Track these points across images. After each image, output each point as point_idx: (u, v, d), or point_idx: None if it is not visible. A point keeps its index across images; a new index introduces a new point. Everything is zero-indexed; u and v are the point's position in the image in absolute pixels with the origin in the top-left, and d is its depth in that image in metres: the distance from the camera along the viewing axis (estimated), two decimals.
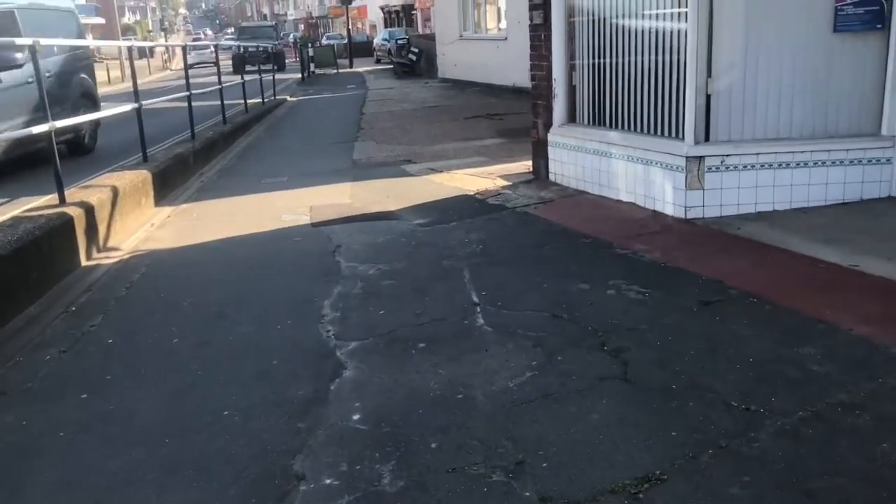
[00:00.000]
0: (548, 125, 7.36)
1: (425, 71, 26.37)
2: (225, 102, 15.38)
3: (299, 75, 28.68)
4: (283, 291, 4.88)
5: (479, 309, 4.34)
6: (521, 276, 4.88)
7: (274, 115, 16.24)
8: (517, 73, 17.39)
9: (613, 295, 4.43)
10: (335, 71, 32.14)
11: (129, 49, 7.89)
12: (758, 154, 5.66)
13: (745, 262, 4.83)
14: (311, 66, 30.83)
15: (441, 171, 8.71)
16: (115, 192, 6.60)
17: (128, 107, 7.75)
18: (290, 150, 11.30)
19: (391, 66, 30.69)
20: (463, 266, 5.15)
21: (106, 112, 7.43)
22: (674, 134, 5.97)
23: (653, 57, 6.09)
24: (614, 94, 6.57)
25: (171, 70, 41.69)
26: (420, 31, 40.09)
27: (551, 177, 7.43)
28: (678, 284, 4.53)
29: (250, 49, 23.78)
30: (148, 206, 7.49)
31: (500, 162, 9.11)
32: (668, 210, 5.94)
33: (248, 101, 15.09)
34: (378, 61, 38.55)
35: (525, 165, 8.62)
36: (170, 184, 8.37)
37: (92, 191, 6.43)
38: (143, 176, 7.51)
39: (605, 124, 6.73)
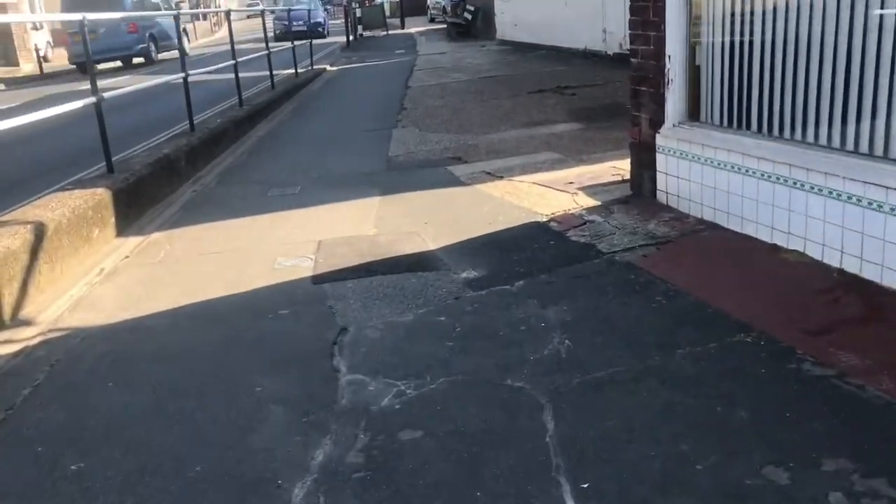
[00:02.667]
0: (656, 122, 5.10)
1: (482, 32, 23.88)
2: (255, 75, 13.49)
3: (344, 39, 26.45)
4: (230, 452, 2.83)
5: None
6: (648, 429, 2.72)
7: (307, 91, 14.16)
8: (589, 33, 14.98)
9: None
10: (385, 33, 29.81)
11: (81, 23, 5.85)
12: None
13: None
14: (359, 28, 28.57)
15: (500, 178, 6.53)
16: (39, 233, 4.64)
17: (78, 103, 5.73)
18: (315, 141, 9.22)
19: (445, 26, 28.21)
20: (540, 394, 3.02)
21: (49, 112, 5.41)
22: (880, 152, 3.67)
23: (845, 24, 3.77)
24: (770, 81, 4.27)
25: (215, 35, 39.85)
26: None
27: (660, 196, 5.19)
28: None
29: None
30: (104, 238, 5.52)
31: (579, 162, 6.88)
32: (870, 273, 3.68)
33: (282, 72, 13.08)
34: (432, 20, 36.02)
35: (614, 169, 6.38)
36: (146, 199, 6.39)
37: (2, 233, 4.48)
38: (98, 198, 5.53)
39: (751, 127, 4.45)
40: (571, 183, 6.10)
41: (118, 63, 22.05)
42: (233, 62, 10.11)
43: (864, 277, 3.70)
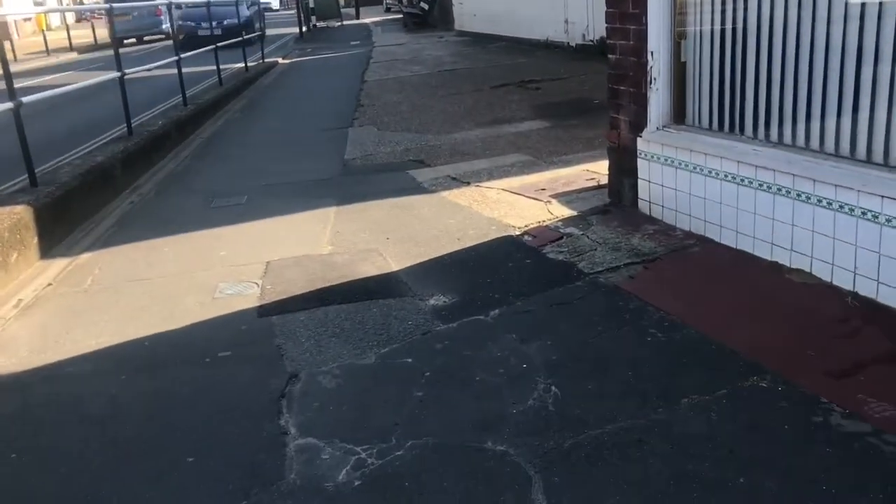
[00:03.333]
0: (637, 125, 4.64)
1: (439, 22, 23.33)
2: (203, 69, 12.78)
3: (297, 30, 25.66)
4: None
5: None
6: None
7: (258, 86, 13.48)
8: (551, 24, 14.57)
9: None
10: (339, 23, 29.03)
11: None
12: None
13: None
14: (313, 18, 27.78)
15: (467, 183, 6.03)
16: None
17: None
18: (265, 143, 8.62)
19: (401, 16, 27.56)
20: (527, 462, 2.54)
21: None
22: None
23: (855, 9, 3.35)
24: (768, 80, 3.83)
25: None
26: None
27: (642, 205, 4.74)
28: None
29: None
30: (25, 262, 4.90)
31: (550, 164, 6.41)
32: (889, 298, 3.28)
33: (232, 66, 12.40)
34: (388, 10, 35.29)
35: (588, 172, 5.94)
36: (75, 214, 5.76)
37: None
38: (16, 217, 4.91)
39: (745, 131, 4.02)
40: (543, 189, 5.63)
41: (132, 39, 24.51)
42: (175, 58, 9.44)
43: (881, 303, 3.30)
